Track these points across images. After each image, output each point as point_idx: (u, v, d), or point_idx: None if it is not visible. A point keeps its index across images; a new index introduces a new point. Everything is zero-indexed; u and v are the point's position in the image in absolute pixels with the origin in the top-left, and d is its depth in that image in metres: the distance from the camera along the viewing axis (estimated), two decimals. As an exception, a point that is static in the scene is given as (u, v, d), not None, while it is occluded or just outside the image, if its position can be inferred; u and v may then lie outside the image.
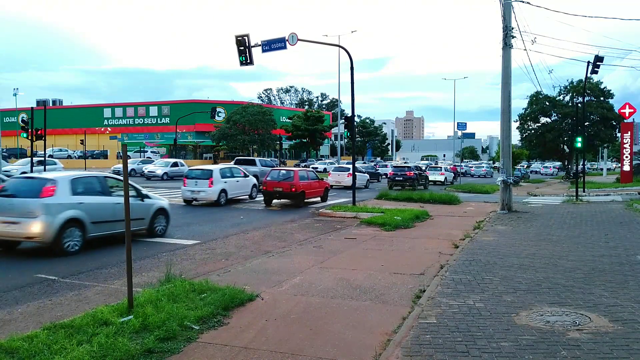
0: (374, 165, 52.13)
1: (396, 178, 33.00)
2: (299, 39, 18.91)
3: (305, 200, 21.10)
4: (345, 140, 68.37)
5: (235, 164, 28.81)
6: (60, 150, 60.73)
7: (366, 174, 36.04)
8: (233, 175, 21.76)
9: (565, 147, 54.32)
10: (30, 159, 27.75)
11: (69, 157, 60.44)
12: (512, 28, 18.76)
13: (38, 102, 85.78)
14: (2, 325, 6.13)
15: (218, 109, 60.88)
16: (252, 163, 32.74)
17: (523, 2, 18.95)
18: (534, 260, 9.64)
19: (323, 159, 72.68)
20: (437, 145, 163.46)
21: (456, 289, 7.48)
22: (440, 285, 7.71)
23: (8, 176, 33.20)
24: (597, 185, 37.06)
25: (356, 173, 22.98)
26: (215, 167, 21.75)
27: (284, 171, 21.97)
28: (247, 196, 22.52)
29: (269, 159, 43.72)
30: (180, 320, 5.80)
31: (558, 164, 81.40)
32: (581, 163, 31.43)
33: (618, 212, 18.06)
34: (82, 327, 5.50)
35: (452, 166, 50.87)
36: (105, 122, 76.63)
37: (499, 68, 19.58)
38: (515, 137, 57.73)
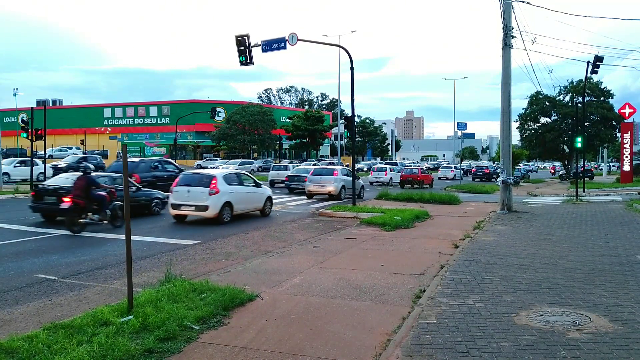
0: (470, 165, 71.13)
1: (477, 173, 49.57)
2: (299, 39, 18.91)
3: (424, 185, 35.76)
4: (346, 140, 68.28)
5: (385, 164, 48.68)
6: (61, 150, 60.70)
7: (462, 170, 52.27)
8: (393, 170, 40.08)
9: (565, 147, 54.29)
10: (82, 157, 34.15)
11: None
12: (512, 28, 18.75)
13: (38, 102, 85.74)
14: (2, 325, 6.13)
15: (218, 109, 60.82)
16: (395, 164, 53.52)
17: (523, 2, 18.96)
18: (534, 260, 9.64)
19: (323, 158, 72.70)
20: (437, 145, 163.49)
21: (456, 289, 7.48)
22: (440, 285, 7.71)
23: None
24: (597, 185, 37.09)
25: (456, 170, 49.43)
26: (388, 165, 42.15)
27: (412, 168, 40.94)
28: (397, 183, 37.06)
29: (401, 162, 71.25)
30: (180, 321, 5.80)
31: (535, 164, 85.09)
32: (581, 163, 31.41)
33: (618, 212, 18.07)
34: (82, 327, 5.50)
35: (551, 166, 68.05)
36: (105, 122, 76.65)
37: (499, 68, 19.60)
38: (515, 137, 57.86)
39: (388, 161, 64.68)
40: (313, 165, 33.32)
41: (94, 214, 13.41)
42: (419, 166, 47.16)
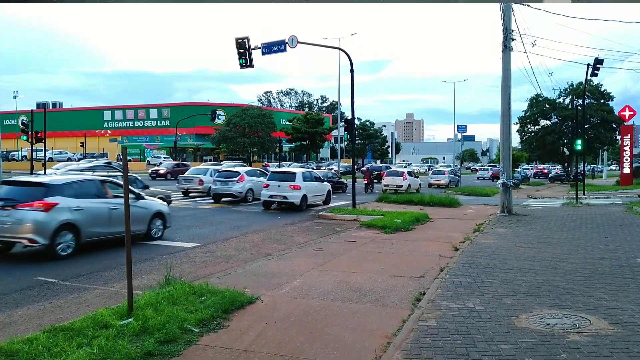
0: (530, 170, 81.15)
1: (537, 173, 65.91)
2: (298, 42, 18.95)
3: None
4: (345, 142, 68.50)
5: (488, 166, 64.54)
6: (60, 152, 60.73)
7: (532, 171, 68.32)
8: (491, 170, 55.73)
9: (565, 149, 54.33)
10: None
11: (69, 159, 60.46)
12: (512, 31, 18.78)
13: (38, 105, 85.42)
14: (2, 328, 6.14)
15: (218, 112, 60.88)
16: (494, 166, 65.50)
17: (523, 4, 18.99)
18: (534, 263, 9.64)
19: (324, 161, 72.79)
20: (437, 147, 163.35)
21: (456, 292, 7.48)
22: (440, 288, 7.71)
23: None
24: (597, 187, 37.07)
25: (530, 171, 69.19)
26: (489, 166, 62.47)
27: (498, 168, 54.61)
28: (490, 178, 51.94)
29: (491, 166, 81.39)
30: (180, 323, 5.80)
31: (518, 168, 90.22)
32: (581, 166, 31.43)
33: (618, 215, 18.07)
34: (82, 330, 5.50)
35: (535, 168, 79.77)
36: (105, 124, 76.75)
37: (499, 71, 19.62)
38: (515, 140, 57.91)
39: (489, 164, 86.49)
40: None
41: (372, 187, 31.60)
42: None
